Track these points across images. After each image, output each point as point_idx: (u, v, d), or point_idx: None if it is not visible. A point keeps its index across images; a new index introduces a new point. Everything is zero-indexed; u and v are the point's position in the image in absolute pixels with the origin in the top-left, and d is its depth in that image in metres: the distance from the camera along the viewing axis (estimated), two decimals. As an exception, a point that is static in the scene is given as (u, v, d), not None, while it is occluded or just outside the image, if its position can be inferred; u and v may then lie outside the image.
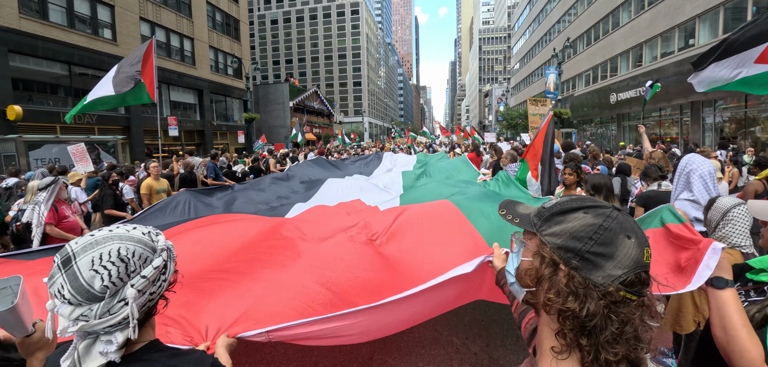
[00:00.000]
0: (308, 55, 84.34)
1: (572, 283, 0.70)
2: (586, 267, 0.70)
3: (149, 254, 0.90)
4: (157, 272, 0.89)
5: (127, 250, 0.86)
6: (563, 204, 0.78)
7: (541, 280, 0.75)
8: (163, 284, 0.92)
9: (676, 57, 19.25)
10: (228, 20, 29.04)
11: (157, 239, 0.93)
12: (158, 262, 0.90)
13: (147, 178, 6.52)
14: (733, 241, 2.24)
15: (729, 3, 16.15)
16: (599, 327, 0.68)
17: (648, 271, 0.71)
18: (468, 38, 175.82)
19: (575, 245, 0.71)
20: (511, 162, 5.85)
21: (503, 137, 36.73)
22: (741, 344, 1.19)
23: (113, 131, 19.51)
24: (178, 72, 23.54)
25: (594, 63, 29.24)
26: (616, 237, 0.69)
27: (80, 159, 7.99)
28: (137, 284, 0.86)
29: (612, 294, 0.67)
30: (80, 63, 17.74)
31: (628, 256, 0.68)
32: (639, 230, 0.72)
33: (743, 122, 15.84)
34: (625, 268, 0.68)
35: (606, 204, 0.76)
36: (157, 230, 0.98)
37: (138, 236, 0.90)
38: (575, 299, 0.69)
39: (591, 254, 0.70)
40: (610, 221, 0.71)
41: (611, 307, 0.67)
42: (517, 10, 57.64)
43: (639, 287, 0.69)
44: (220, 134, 28.69)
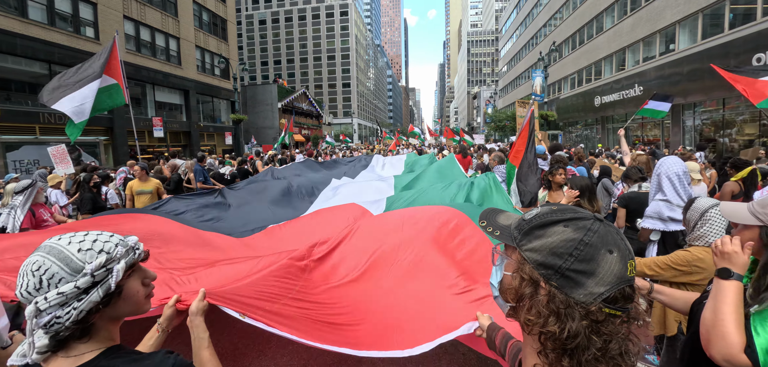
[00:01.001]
0: (297, 56, 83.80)
1: (553, 303, 0.68)
2: (566, 285, 0.67)
3: (65, 276, 0.87)
4: (64, 297, 0.86)
5: (42, 266, 0.87)
6: (543, 216, 0.75)
7: (522, 298, 0.73)
8: (82, 305, 0.88)
9: (657, 61, 19.78)
10: (215, 20, 28.66)
11: (92, 258, 0.91)
12: (66, 288, 0.86)
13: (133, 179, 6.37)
14: (710, 240, 2.33)
15: (707, 10, 16.68)
16: (582, 347, 0.65)
17: (633, 284, 0.69)
18: (457, 41, 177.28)
19: (555, 262, 0.68)
20: (498, 164, 5.92)
21: (492, 139, 37.15)
22: (726, 328, 1.23)
23: (95, 132, 19.04)
24: (163, 72, 23.12)
25: (579, 67, 29.81)
26: (598, 253, 0.66)
27: (61, 161, 7.78)
28: (39, 303, 0.85)
29: (594, 313, 0.65)
30: (61, 62, 17.24)
31: (611, 272, 0.65)
32: (622, 242, 0.69)
33: (721, 124, 16.36)
34: (607, 285, 0.65)
35: (587, 216, 0.72)
36: (117, 242, 0.97)
37: (66, 253, 0.89)
38: (556, 319, 0.67)
39: (571, 272, 0.67)
40: (591, 235, 0.68)
41: (594, 326, 0.65)
42: (505, 13, 58.41)
43: (622, 303, 0.67)
44: (207, 135, 28.27)
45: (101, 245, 0.94)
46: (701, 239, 2.35)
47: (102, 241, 0.95)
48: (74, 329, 0.88)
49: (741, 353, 1.21)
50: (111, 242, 0.96)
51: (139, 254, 1.02)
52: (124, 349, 0.99)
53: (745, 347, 1.22)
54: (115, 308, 0.96)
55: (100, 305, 0.91)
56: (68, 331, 0.88)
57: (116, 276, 0.92)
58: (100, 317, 0.93)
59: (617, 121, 24.64)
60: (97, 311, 0.91)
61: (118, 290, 0.94)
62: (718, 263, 1.37)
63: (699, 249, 2.35)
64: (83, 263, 0.89)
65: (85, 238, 0.94)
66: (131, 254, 0.98)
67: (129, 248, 0.98)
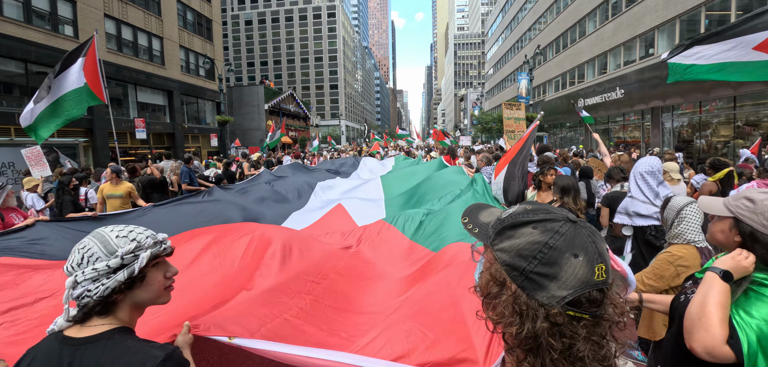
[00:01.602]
0: (284, 57, 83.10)
1: (517, 303, 0.69)
2: (530, 287, 0.68)
3: (101, 255, 1.03)
4: (97, 273, 1.01)
5: (86, 245, 1.04)
6: (515, 217, 0.75)
7: (489, 296, 0.75)
8: (109, 283, 1.02)
9: (638, 65, 20.35)
10: (200, 20, 28.19)
11: (126, 244, 1.05)
12: (100, 265, 1.01)
13: None
14: (687, 237, 2.39)
15: (684, 15, 17.26)
16: (544, 347, 0.67)
17: (603, 288, 0.68)
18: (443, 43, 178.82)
19: (520, 264, 0.70)
20: (486, 165, 5.98)
21: (479, 140, 37.56)
22: (711, 321, 1.29)
23: (74, 134, 18.47)
24: (146, 72, 22.59)
25: (563, 70, 30.44)
26: (562, 257, 0.67)
27: (36, 163, 7.52)
28: (77, 275, 1.01)
29: (555, 315, 0.66)
30: (38, 61, 16.69)
31: (574, 276, 0.66)
32: (591, 246, 0.68)
33: (698, 126, 16.93)
34: (570, 289, 0.66)
35: (558, 217, 0.72)
36: (148, 235, 1.11)
37: (107, 236, 1.06)
38: (519, 319, 0.68)
39: (535, 274, 0.68)
40: (557, 238, 0.68)
41: (555, 328, 0.66)
42: (491, 17, 59.22)
43: (589, 307, 0.67)
44: (192, 137, 27.74)
45: (135, 234, 1.08)
46: (679, 237, 2.40)
47: (136, 232, 1.09)
48: (99, 303, 1.02)
49: (724, 345, 1.27)
50: (143, 234, 1.10)
51: (165, 249, 1.16)
52: (132, 331, 1.10)
53: (728, 338, 1.27)
54: (137, 292, 1.09)
55: (124, 285, 1.04)
56: (94, 304, 1.02)
57: (141, 262, 1.06)
58: (123, 298, 1.06)
59: (600, 123, 25.24)
60: (121, 291, 1.05)
61: (141, 276, 1.08)
62: (725, 266, 1.40)
63: (678, 247, 2.39)
64: (117, 247, 1.04)
65: (124, 228, 1.09)
66: (157, 247, 1.12)
67: (157, 242, 1.12)
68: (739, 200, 1.43)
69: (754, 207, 1.37)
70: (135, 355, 0.99)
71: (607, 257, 0.70)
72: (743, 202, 1.41)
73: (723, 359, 1.28)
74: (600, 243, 0.70)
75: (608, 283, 0.69)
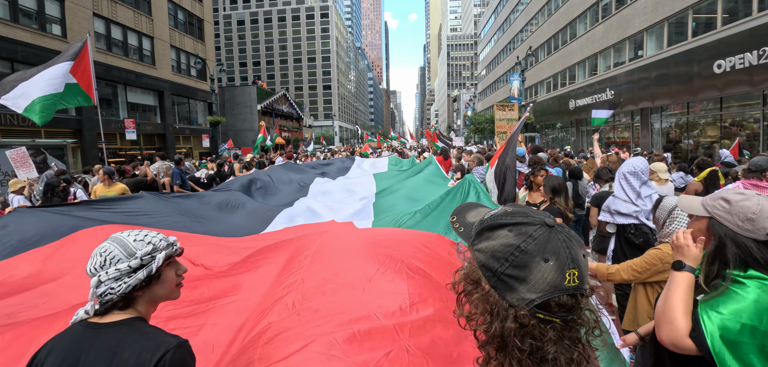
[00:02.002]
0: (276, 58, 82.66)
1: (488, 302, 0.72)
2: (502, 288, 0.70)
3: (122, 257, 1.14)
4: (119, 273, 1.13)
5: (107, 248, 1.15)
6: (495, 218, 0.77)
7: (466, 293, 0.78)
8: (131, 281, 1.14)
9: (627, 67, 20.64)
10: (191, 19, 27.91)
11: (143, 247, 1.17)
12: (122, 266, 1.13)
13: None
14: None
15: (672, 18, 17.55)
16: (511, 347, 0.69)
17: (576, 293, 0.69)
18: (437, 44, 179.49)
19: (493, 265, 0.72)
20: (477, 165, 6.02)
21: (472, 141, 37.76)
22: (674, 314, 1.35)
23: (62, 134, 18.18)
24: (136, 72, 22.30)
25: (554, 71, 30.75)
26: (532, 260, 0.68)
27: (22, 165, 7.35)
28: (101, 276, 1.12)
29: (523, 317, 0.68)
30: (25, 60, 16.36)
31: (543, 280, 0.67)
32: (564, 251, 0.69)
33: (685, 127, 17.23)
34: (538, 292, 0.67)
35: (534, 221, 0.73)
36: (161, 237, 1.23)
37: (125, 240, 1.17)
38: (490, 317, 0.71)
39: (506, 276, 0.70)
40: (530, 242, 0.69)
41: (522, 329, 0.68)
42: (483, 18, 59.63)
43: (559, 311, 0.68)
44: (183, 138, 27.45)
45: (150, 238, 1.21)
46: (670, 236, 2.48)
47: (151, 236, 1.22)
48: (121, 299, 1.14)
49: (686, 338, 1.32)
50: (157, 237, 1.23)
51: (176, 250, 1.28)
52: (145, 321, 1.21)
53: (690, 331, 1.32)
54: (155, 289, 1.22)
55: (143, 283, 1.16)
56: (117, 300, 1.13)
57: (157, 262, 1.19)
58: (142, 294, 1.19)
59: (590, 123, 25.52)
60: (140, 288, 1.17)
61: (157, 274, 1.20)
62: (674, 256, 1.48)
63: (668, 246, 2.47)
64: (136, 250, 1.16)
65: (139, 232, 1.22)
66: (170, 248, 1.25)
67: (169, 244, 1.25)
68: (716, 200, 1.46)
69: (730, 208, 1.40)
70: (152, 339, 1.11)
71: (582, 263, 0.70)
72: (720, 202, 1.44)
73: (687, 350, 1.32)
74: (575, 249, 0.70)
75: (583, 289, 0.70)
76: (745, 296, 1.27)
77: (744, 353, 1.22)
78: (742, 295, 1.28)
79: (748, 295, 1.27)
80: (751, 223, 1.35)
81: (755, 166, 4.28)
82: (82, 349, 1.07)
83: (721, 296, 1.32)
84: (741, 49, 12.86)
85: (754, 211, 1.36)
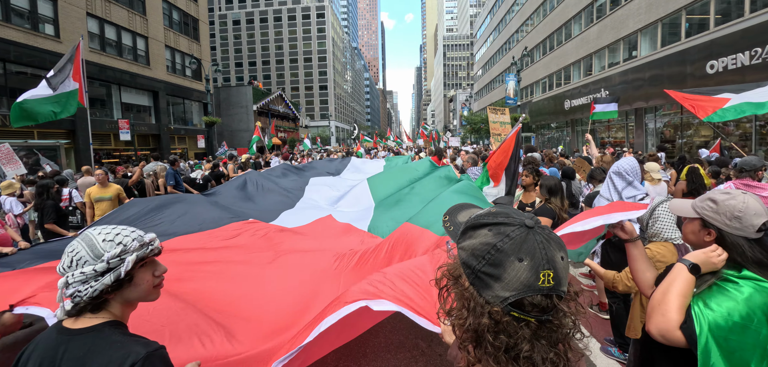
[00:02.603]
0: (272, 58, 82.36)
1: (465, 297, 0.76)
2: (479, 285, 0.73)
3: (89, 259, 1.07)
4: (85, 276, 1.06)
5: (75, 249, 1.08)
6: (478, 218, 0.79)
7: (446, 288, 0.82)
8: (97, 285, 1.07)
9: (621, 67, 20.79)
10: (186, 19, 27.76)
11: (111, 249, 1.09)
12: (87, 269, 1.06)
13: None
14: (664, 235, 2.47)
15: (666, 19, 17.71)
16: (486, 342, 0.72)
17: (551, 294, 0.70)
18: (433, 44, 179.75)
19: (472, 263, 0.75)
20: (472, 165, 6.04)
21: (468, 141, 37.86)
22: (669, 307, 1.35)
23: (55, 135, 18.02)
24: (130, 72, 22.14)
25: (550, 71, 30.90)
26: (507, 259, 0.70)
27: (8, 161, 7.26)
28: (68, 277, 1.07)
29: (496, 314, 0.70)
30: (17, 60, 16.23)
31: (517, 279, 0.69)
32: (540, 253, 0.70)
33: (679, 127, 17.38)
34: (512, 290, 0.69)
35: (514, 222, 0.75)
36: (135, 237, 1.14)
37: (94, 240, 1.10)
38: (467, 312, 0.74)
39: (483, 274, 0.73)
40: (506, 242, 0.72)
41: (495, 325, 0.71)
42: (479, 18, 59.78)
43: (532, 310, 0.70)
44: (179, 139, 27.29)
45: (121, 237, 1.11)
46: (657, 236, 2.49)
47: (123, 235, 1.12)
48: (89, 302, 1.07)
49: (676, 329, 1.33)
50: (130, 236, 1.13)
51: (152, 250, 1.19)
52: (123, 326, 1.15)
53: (681, 324, 1.33)
54: (127, 291, 1.14)
55: (110, 288, 1.09)
56: (85, 303, 1.07)
57: (126, 266, 1.10)
58: (114, 297, 1.12)
59: (585, 123, 25.68)
60: (111, 292, 1.10)
61: (128, 277, 1.12)
62: (694, 258, 1.43)
63: (657, 245, 2.46)
64: (103, 251, 1.08)
65: (111, 231, 1.12)
66: (144, 249, 1.15)
67: (143, 244, 1.15)
68: (704, 201, 1.48)
69: (717, 207, 1.42)
70: (119, 349, 1.04)
71: (560, 265, 0.71)
72: (707, 203, 1.47)
73: (675, 342, 1.33)
74: (553, 251, 0.72)
75: (559, 290, 0.71)
76: (737, 295, 1.29)
77: (731, 351, 1.24)
78: (734, 293, 1.29)
79: (741, 293, 1.28)
80: (738, 221, 1.37)
81: (747, 165, 4.32)
82: (56, 357, 1.04)
83: (714, 293, 1.34)
84: (733, 49, 12.99)
85: (740, 208, 1.38)
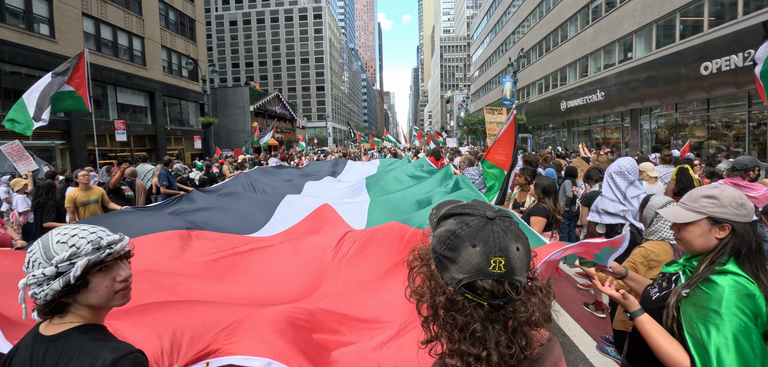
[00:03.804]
0: (269, 59, 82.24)
1: (428, 278, 0.83)
2: (440, 267, 0.80)
3: (42, 262, 1.01)
4: (37, 279, 1.00)
5: (33, 249, 1.03)
6: (449, 210, 0.86)
7: (415, 268, 0.88)
8: (48, 290, 1.00)
9: (617, 68, 20.94)
10: (182, 19, 27.66)
11: (62, 251, 1.01)
12: (37, 272, 1.00)
13: None
14: (662, 234, 2.53)
15: (660, 21, 17.87)
16: (442, 319, 0.80)
17: (503, 281, 0.75)
18: (430, 46, 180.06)
19: (437, 247, 0.82)
20: (468, 166, 6.06)
21: (466, 142, 37.96)
22: (667, 355, 1.37)
23: (51, 136, 17.89)
24: (126, 73, 22.04)
25: (546, 72, 31.07)
26: (462, 244, 0.76)
27: (19, 158, 7.30)
28: (28, 279, 1.02)
29: (452, 293, 0.77)
30: (11, 60, 16.11)
31: (469, 262, 0.75)
32: (494, 241, 0.75)
33: (674, 128, 17.52)
34: (465, 273, 0.75)
35: (476, 213, 0.80)
36: (91, 240, 1.05)
37: (49, 241, 1.03)
38: (429, 292, 0.82)
39: (443, 257, 0.80)
40: (464, 229, 0.78)
41: (449, 304, 0.78)
42: (476, 20, 60.00)
43: (484, 294, 0.75)
44: (175, 139, 27.18)
45: (74, 240, 1.03)
46: (655, 234, 2.54)
47: (78, 236, 1.04)
48: (48, 305, 1.02)
49: None
50: (84, 239, 1.04)
51: (111, 253, 1.08)
52: (99, 329, 1.09)
53: (691, 363, 1.30)
54: (84, 296, 1.05)
55: (60, 293, 1.01)
56: (45, 306, 1.03)
57: (75, 271, 1.01)
58: (73, 300, 1.04)
59: (582, 124, 25.84)
60: (66, 295, 1.02)
61: (83, 283, 1.03)
62: (627, 308, 1.54)
63: (653, 244, 2.53)
64: (54, 254, 1.01)
65: (67, 231, 1.05)
66: (99, 253, 1.05)
67: (98, 248, 1.05)
68: (699, 201, 1.45)
69: (720, 201, 1.40)
70: (85, 356, 0.98)
71: (513, 255, 0.76)
72: (707, 201, 1.43)
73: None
74: (507, 241, 0.77)
75: (511, 278, 0.76)
76: (719, 308, 1.27)
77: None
78: (715, 308, 1.28)
79: (720, 298, 1.28)
80: (743, 207, 1.38)
81: (740, 165, 4.38)
82: (33, 365, 1.01)
83: (700, 311, 1.32)
84: (727, 51, 13.12)
85: (739, 195, 1.41)
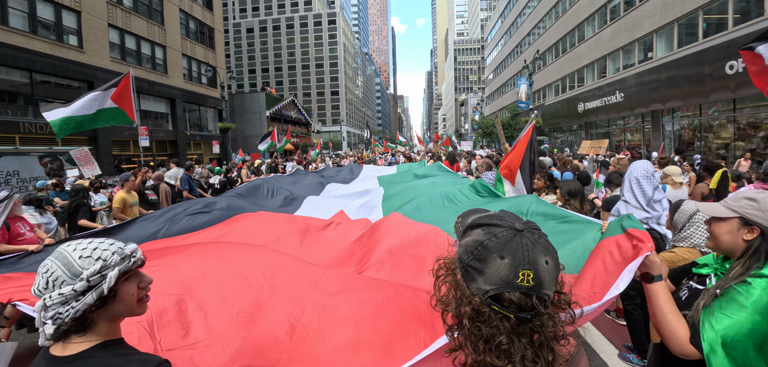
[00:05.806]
0: (285, 65, 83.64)
1: (454, 287, 0.84)
2: (467, 277, 0.80)
3: (66, 279, 0.98)
4: (64, 297, 0.97)
5: (49, 269, 0.99)
6: (477, 220, 0.86)
7: (440, 277, 0.89)
8: (79, 305, 0.98)
9: (637, 69, 20.43)
10: (202, 28, 28.48)
11: (89, 265, 1.00)
12: (66, 289, 0.97)
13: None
14: (694, 241, 2.45)
15: (682, 19, 17.37)
16: (467, 329, 0.80)
17: (531, 294, 0.74)
18: (443, 49, 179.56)
19: (464, 257, 0.82)
20: (486, 170, 6.04)
21: (481, 145, 37.64)
22: (669, 327, 1.39)
23: (78, 142, 18.58)
24: (148, 80, 22.81)
25: (562, 74, 30.56)
26: (490, 256, 0.76)
27: (85, 163, 7.83)
28: (46, 300, 0.98)
29: (477, 304, 0.77)
30: (42, 70, 16.90)
31: (497, 274, 0.75)
32: (522, 254, 0.75)
33: (698, 130, 16.97)
34: (492, 285, 0.75)
35: (504, 225, 0.81)
36: (114, 250, 1.05)
37: (70, 257, 1.00)
38: (455, 301, 0.82)
39: (470, 267, 0.80)
40: (492, 240, 0.78)
41: (475, 315, 0.78)
42: (490, 22, 59.57)
43: (511, 306, 0.75)
44: (194, 144, 27.92)
45: (99, 252, 1.03)
46: (686, 240, 2.47)
47: (101, 249, 1.04)
48: (73, 324, 0.99)
49: (688, 345, 1.35)
50: (109, 250, 1.04)
51: (135, 262, 1.10)
52: (120, 344, 1.09)
53: (690, 338, 1.35)
54: (111, 308, 1.05)
55: (94, 307, 1.00)
56: (69, 325, 0.99)
57: (109, 282, 1.01)
58: (98, 315, 1.03)
59: (600, 126, 25.29)
60: (94, 310, 1.01)
61: (112, 293, 1.03)
62: (647, 269, 1.49)
63: (683, 250, 2.45)
64: (82, 269, 0.99)
65: (88, 246, 1.03)
66: (126, 262, 1.06)
67: (124, 257, 1.06)
68: (740, 200, 1.47)
69: (759, 205, 1.42)
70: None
71: (542, 269, 0.75)
72: (746, 202, 1.45)
73: (693, 356, 1.35)
74: (536, 254, 0.76)
75: (540, 292, 0.75)
76: (745, 300, 1.28)
77: (741, 353, 1.25)
78: (743, 299, 1.29)
79: (750, 296, 1.28)
80: None
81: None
82: None
83: (724, 302, 1.34)
84: (754, 49, 12.65)
85: None
